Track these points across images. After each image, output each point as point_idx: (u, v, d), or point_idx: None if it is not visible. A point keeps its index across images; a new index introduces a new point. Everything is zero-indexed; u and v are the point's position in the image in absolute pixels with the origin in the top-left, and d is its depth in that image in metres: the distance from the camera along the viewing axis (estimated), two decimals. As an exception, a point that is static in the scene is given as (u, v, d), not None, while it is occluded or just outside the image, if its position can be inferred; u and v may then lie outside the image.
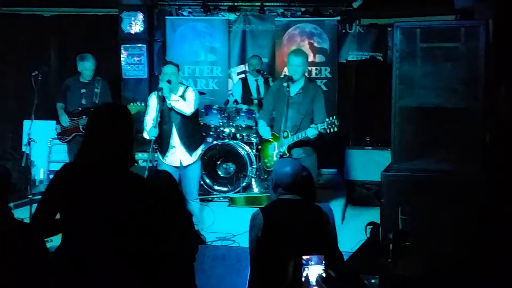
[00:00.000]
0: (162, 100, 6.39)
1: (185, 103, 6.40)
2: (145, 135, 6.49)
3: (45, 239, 3.56)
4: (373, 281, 4.47)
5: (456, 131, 5.46)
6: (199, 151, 6.72)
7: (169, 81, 6.36)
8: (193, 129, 6.70)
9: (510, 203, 5.19)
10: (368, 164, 8.33)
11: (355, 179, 8.55)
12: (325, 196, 7.68)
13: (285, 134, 6.29)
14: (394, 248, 4.66)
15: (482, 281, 4.38)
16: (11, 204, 7.30)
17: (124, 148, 3.39)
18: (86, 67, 7.81)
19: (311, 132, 6.07)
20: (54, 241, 5.35)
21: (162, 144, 6.58)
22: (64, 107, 7.88)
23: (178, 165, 6.56)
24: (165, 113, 6.46)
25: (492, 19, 5.56)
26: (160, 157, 6.65)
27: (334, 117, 6.01)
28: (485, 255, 4.89)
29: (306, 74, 6.61)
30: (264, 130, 6.60)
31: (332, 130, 5.99)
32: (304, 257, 3.50)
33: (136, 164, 7.66)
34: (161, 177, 4.19)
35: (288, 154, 6.25)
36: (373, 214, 5.99)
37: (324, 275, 3.47)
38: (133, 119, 3.53)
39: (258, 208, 4.26)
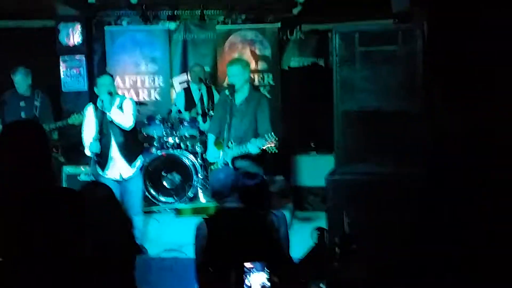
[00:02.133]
0: (101, 113, 6.25)
1: (124, 116, 6.29)
2: (86, 151, 6.34)
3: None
4: (321, 285, 4.48)
5: (396, 133, 5.51)
6: (139, 162, 6.61)
7: (110, 93, 6.24)
8: (132, 140, 6.58)
9: (450, 203, 5.27)
10: (314, 169, 8.36)
11: (302, 185, 8.57)
12: (273, 203, 7.64)
13: (230, 144, 6.25)
14: (341, 252, 4.68)
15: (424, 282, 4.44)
16: None
17: (43, 167, 3.10)
18: (17, 80, 7.66)
19: (253, 149, 6.04)
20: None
21: (101, 157, 6.39)
22: (2, 121, 7.67)
23: (118, 178, 6.43)
24: (103, 126, 6.30)
25: (426, 21, 5.65)
26: (100, 171, 6.46)
27: (273, 134, 5.99)
28: (426, 256, 4.96)
29: (250, 82, 6.57)
30: (211, 150, 6.56)
31: (271, 149, 5.96)
32: (246, 265, 3.47)
33: (77, 178, 7.54)
34: (99, 188, 4.07)
35: (232, 167, 6.21)
36: (321, 220, 6.00)
37: (268, 283, 3.44)
38: (70, 132, 3.37)
39: (202, 218, 4.23)
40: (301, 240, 6.31)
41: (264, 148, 5.96)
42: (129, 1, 7.93)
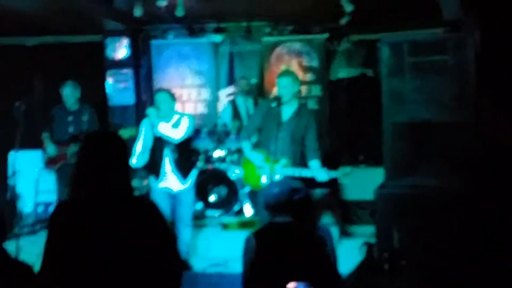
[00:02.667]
0: (152, 126, 6.30)
1: (174, 130, 6.31)
2: (133, 162, 6.38)
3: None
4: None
5: (447, 145, 5.38)
6: (191, 177, 6.58)
7: (156, 108, 6.27)
8: (185, 156, 6.56)
9: (503, 216, 5.09)
10: (362, 182, 8.19)
11: (350, 199, 8.42)
12: (320, 216, 7.56)
13: (283, 162, 6.10)
14: (390, 268, 4.55)
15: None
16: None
17: (123, 175, 3.20)
18: (66, 94, 7.72)
19: (322, 177, 5.92)
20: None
21: (155, 170, 6.46)
22: (50, 136, 7.78)
23: (171, 190, 6.44)
24: (157, 140, 6.36)
25: (479, 30, 5.49)
26: (154, 183, 6.52)
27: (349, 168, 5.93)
28: (480, 268, 4.79)
29: (298, 95, 6.45)
30: (253, 155, 6.32)
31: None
32: (289, 286, 3.38)
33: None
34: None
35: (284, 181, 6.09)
36: (370, 234, 5.86)
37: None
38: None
39: (251, 232, 4.16)
40: (349, 255, 6.19)
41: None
42: (175, 15, 7.95)
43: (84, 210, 3.09)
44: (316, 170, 5.97)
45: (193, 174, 6.65)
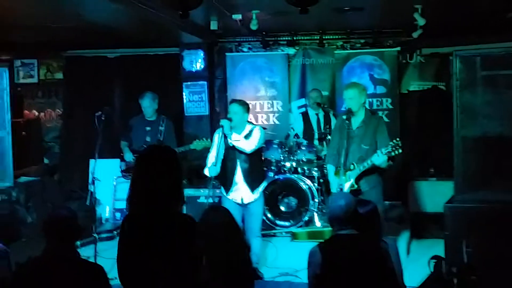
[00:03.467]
0: (225, 137, 6.45)
1: (246, 141, 6.41)
2: (206, 172, 6.55)
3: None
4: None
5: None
6: (261, 188, 6.67)
7: (229, 119, 6.41)
8: (256, 167, 6.68)
9: None
10: (433, 195, 8.14)
11: (420, 211, 8.37)
12: (390, 229, 7.53)
13: (352, 166, 6.24)
14: (459, 283, 4.53)
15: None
16: (78, 243, 7.48)
17: (172, 190, 3.37)
18: (144, 105, 8.00)
19: (378, 160, 5.98)
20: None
21: (226, 180, 6.60)
22: (129, 145, 8.06)
23: (240, 202, 6.56)
24: (229, 151, 6.49)
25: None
26: (224, 193, 6.66)
27: (398, 139, 5.92)
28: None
29: (365, 105, 6.53)
30: (332, 182, 6.52)
31: (397, 152, 5.87)
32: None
33: (196, 201, 7.77)
34: (220, 212, 4.16)
35: (356, 186, 6.19)
36: (439, 247, 5.82)
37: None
38: (191, 157, 3.55)
39: (316, 245, 4.22)
40: (418, 268, 6.17)
41: (388, 152, 5.89)
42: (250, 28, 8.12)
43: (136, 224, 3.31)
44: (372, 157, 6.03)
45: (263, 185, 6.78)
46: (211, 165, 6.44)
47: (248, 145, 6.41)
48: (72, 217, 3.88)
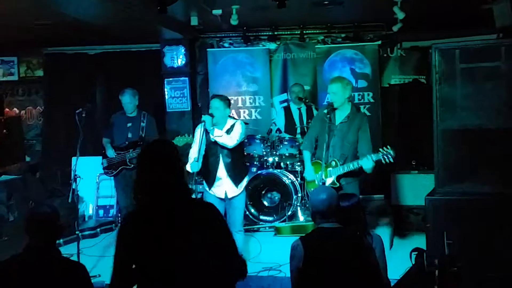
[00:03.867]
0: (206, 133, 6.45)
1: (227, 136, 6.44)
2: (187, 168, 6.54)
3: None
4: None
5: (501, 152, 5.34)
6: (244, 182, 6.71)
7: (211, 115, 6.42)
8: (239, 161, 6.71)
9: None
10: (415, 188, 8.20)
11: (403, 204, 8.43)
12: (372, 223, 7.58)
13: (333, 163, 6.27)
14: (440, 275, 4.56)
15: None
16: (61, 241, 7.45)
17: (181, 180, 3.38)
18: (124, 101, 7.97)
19: (367, 164, 6.05)
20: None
21: (208, 175, 6.61)
22: (111, 142, 8.03)
23: (223, 196, 6.57)
24: (211, 146, 6.50)
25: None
26: (207, 188, 6.68)
27: (389, 146, 5.99)
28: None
29: (350, 99, 6.56)
30: (308, 170, 6.58)
31: (388, 160, 5.98)
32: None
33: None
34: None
35: (338, 184, 6.23)
36: (422, 240, 5.87)
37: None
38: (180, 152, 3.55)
39: (298, 238, 4.22)
40: (400, 261, 6.21)
41: (379, 159, 5.97)
42: (231, 23, 8.11)
43: (151, 217, 3.26)
44: (361, 160, 6.09)
45: (246, 179, 6.79)
46: (193, 161, 6.43)
47: (230, 140, 6.43)
48: (54, 214, 3.85)
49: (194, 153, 6.52)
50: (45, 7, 7.17)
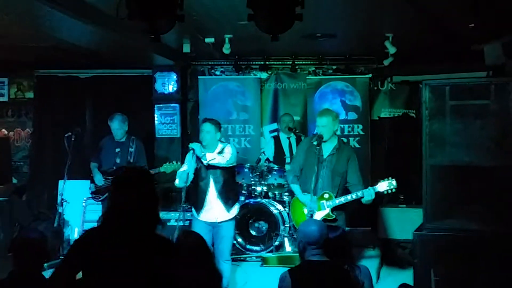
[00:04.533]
0: (198, 159, 6.42)
1: (220, 156, 6.40)
2: (176, 182, 6.49)
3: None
4: None
5: (489, 189, 5.36)
6: (235, 208, 6.66)
7: (200, 142, 6.41)
8: (230, 185, 6.67)
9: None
10: (403, 222, 8.21)
11: (390, 238, 8.42)
12: (359, 255, 7.56)
13: (326, 195, 6.26)
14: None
15: None
16: (45, 265, 7.36)
17: (148, 211, 3.38)
18: (113, 127, 7.97)
19: (368, 196, 6.12)
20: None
21: (197, 200, 6.56)
22: (98, 166, 8.00)
23: (214, 221, 6.50)
24: (202, 170, 6.47)
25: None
26: (195, 214, 6.61)
27: (391, 177, 6.14)
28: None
29: (337, 132, 6.59)
30: (304, 198, 6.48)
31: (390, 191, 6.10)
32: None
33: (167, 224, 7.69)
34: (192, 237, 4.14)
35: (334, 216, 6.22)
36: (409, 273, 5.87)
37: None
38: (161, 179, 3.56)
39: (286, 270, 4.21)
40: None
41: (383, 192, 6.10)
42: (223, 52, 8.15)
43: (103, 238, 3.31)
44: (365, 192, 6.15)
45: (237, 205, 6.74)
46: (182, 173, 6.39)
47: (224, 159, 6.40)
48: (41, 240, 3.86)
49: (183, 168, 6.50)
50: (40, 31, 7.17)
